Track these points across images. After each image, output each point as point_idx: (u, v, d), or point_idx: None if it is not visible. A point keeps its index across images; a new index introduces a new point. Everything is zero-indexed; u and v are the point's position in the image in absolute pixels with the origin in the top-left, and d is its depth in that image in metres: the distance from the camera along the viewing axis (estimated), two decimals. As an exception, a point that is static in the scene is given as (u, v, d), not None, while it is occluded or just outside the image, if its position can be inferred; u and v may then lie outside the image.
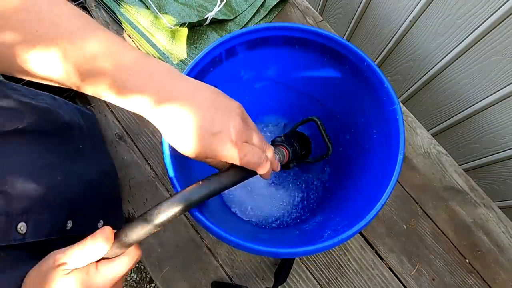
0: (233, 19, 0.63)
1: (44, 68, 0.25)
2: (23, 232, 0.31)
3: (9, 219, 0.30)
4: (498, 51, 0.52)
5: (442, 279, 0.52)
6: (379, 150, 0.40)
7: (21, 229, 0.31)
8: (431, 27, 0.60)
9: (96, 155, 0.50)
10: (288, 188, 0.52)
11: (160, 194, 0.54)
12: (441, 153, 0.58)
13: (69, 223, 0.37)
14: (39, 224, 0.33)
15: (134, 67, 0.26)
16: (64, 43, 0.24)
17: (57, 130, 0.42)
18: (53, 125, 0.41)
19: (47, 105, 0.41)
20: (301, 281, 0.50)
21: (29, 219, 0.32)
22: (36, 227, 0.32)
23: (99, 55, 0.25)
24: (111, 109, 0.59)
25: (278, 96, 0.52)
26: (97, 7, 0.64)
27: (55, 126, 0.41)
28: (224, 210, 0.50)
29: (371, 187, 0.38)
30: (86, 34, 0.25)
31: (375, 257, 0.52)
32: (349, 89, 0.44)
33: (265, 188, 0.53)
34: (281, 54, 0.44)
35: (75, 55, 0.25)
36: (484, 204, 0.55)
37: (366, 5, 0.71)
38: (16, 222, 0.31)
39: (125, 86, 0.26)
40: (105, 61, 0.26)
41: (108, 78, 0.26)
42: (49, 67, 0.25)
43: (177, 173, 0.34)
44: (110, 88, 0.26)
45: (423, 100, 0.73)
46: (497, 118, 0.59)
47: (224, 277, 0.50)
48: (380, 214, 0.54)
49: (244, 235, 0.34)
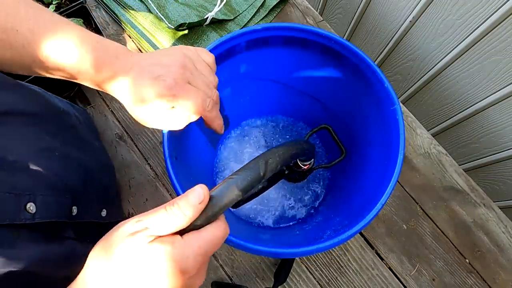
0: (233, 19, 0.63)
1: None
2: (33, 212, 0.31)
3: (17, 198, 0.30)
4: (498, 51, 0.52)
5: (442, 279, 0.52)
6: (379, 150, 0.40)
7: (31, 209, 0.31)
8: (431, 27, 0.60)
9: (93, 147, 0.50)
10: (288, 188, 0.52)
11: (160, 194, 0.54)
12: (441, 153, 0.58)
13: (74, 208, 0.38)
14: (47, 205, 0.33)
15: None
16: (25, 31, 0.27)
17: (53, 114, 0.42)
18: (47, 109, 0.41)
19: (39, 90, 0.42)
20: (301, 281, 0.50)
21: (36, 199, 0.32)
22: (44, 208, 0.33)
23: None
24: (111, 109, 0.59)
25: (278, 96, 0.52)
26: (97, 7, 0.64)
27: (51, 111, 0.42)
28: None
29: (371, 187, 0.38)
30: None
31: (375, 257, 0.52)
32: (349, 89, 0.44)
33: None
34: (281, 54, 0.44)
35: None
36: (484, 204, 0.55)
37: (366, 5, 0.71)
38: (25, 201, 0.31)
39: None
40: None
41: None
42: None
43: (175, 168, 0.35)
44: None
45: (423, 100, 0.73)
46: (497, 118, 0.59)
47: (224, 277, 0.50)
48: (380, 214, 0.54)
49: (244, 235, 0.34)
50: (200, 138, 0.48)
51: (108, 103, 0.59)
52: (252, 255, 0.52)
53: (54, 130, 0.40)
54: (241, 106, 0.53)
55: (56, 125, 0.42)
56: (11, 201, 0.30)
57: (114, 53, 0.31)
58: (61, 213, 0.35)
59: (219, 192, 0.24)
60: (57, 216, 0.35)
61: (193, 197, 0.22)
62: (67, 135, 0.43)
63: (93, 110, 0.58)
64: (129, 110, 0.32)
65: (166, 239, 0.22)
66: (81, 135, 0.47)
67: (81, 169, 0.42)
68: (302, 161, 0.44)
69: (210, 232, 0.23)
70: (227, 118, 0.53)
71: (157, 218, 0.22)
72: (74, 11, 0.54)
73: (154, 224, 0.21)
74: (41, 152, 0.36)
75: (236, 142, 0.54)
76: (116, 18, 0.63)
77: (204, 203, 0.23)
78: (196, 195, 0.22)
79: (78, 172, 0.41)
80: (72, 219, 0.37)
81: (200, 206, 0.22)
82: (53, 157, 0.38)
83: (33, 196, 0.32)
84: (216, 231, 0.23)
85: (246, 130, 0.55)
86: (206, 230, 0.23)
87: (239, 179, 0.25)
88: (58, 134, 0.41)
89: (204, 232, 0.23)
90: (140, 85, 0.30)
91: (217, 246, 0.24)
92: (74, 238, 0.38)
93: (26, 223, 0.30)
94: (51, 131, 0.40)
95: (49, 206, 0.33)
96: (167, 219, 0.21)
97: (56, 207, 0.35)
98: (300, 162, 0.44)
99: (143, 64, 0.31)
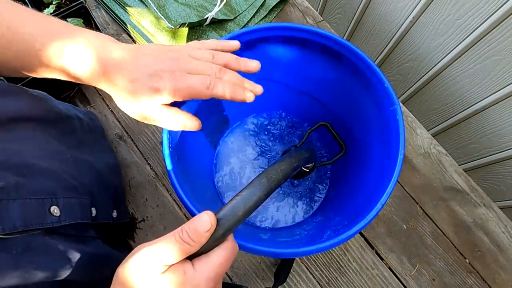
0: (233, 19, 0.63)
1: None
2: (57, 215, 0.31)
3: (40, 202, 0.31)
4: (498, 51, 0.52)
5: (442, 279, 0.52)
6: (379, 150, 0.40)
7: (55, 212, 0.31)
8: (431, 27, 0.60)
9: (100, 148, 0.50)
10: (288, 188, 0.52)
11: (160, 194, 0.54)
12: (441, 153, 0.58)
13: (93, 210, 0.38)
14: (70, 207, 0.33)
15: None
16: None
17: (56, 119, 0.42)
18: (51, 114, 0.41)
19: (42, 95, 0.42)
20: (301, 281, 0.50)
21: (59, 202, 0.32)
22: (67, 210, 0.33)
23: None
24: (111, 109, 0.59)
25: (278, 96, 0.52)
26: (97, 7, 0.64)
27: (53, 115, 0.42)
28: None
29: (371, 187, 0.38)
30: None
31: (375, 257, 0.52)
32: (349, 89, 0.44)
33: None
34: (281, 54, 0.44)
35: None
36: (484, 204, 0.55)
37: (366, 5, 0.71)
38: (48, 205, 0.31)
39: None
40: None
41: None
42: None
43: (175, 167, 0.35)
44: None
45: (423, 100, 0.73)
46: (497, 118, 0.59)
47: (224, 277, 0.50)
48: (380, 214, 0.54)
49: (244, 235, 0.34)
50: (200, 138, 0.48)
51: (108, 103, 0.59)
52: (252, 255, 0.52)
53: (58, 135, 0.40)
54: (241, 106, 0.53)
55: (60, 130, 0.42)
56: (35, 205, 0.30)
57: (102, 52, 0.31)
58: (84, 215, 0.36)
59: (226, 214, 0.24)
60: (81, 218, 0.35)
61: (200, 225, 0.23)
62: (72, 139, 0.43)
63: (93, 110, 0.58)
64: (123, 107, 0.32)
65: (177, 268, 0.22)
66: (86, 139, 0.47)
67: (93, 170, 0.42)
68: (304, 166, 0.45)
69: (219, 255, 0.24)
70: (227, 118, 0.53)
71: (167, 247, 0.22)
72: (74, 11, 0.54)
73: (165, 254, 0.22)
74: (55, 155, 0.37)
75: (236, 141, 0.54)
76: (116, 18, 0.63)
77: (211, 230, 0.23)
78: (203, 224, 0.23)
79: (89, 173, 0.41)
80: (93, 221, 0.38)
81: (208, 233, 0.23)
82: (66, 159, 0.38)
83: (55, 199, 0.32)
84: (225, 253, 0.24)
85: (246, 130, 0.55)
86: (215, 254, 0.24)
87: (244, 200, 0.25)
88: (62, 139, 0.41)
89: (213, 257, 0.24)
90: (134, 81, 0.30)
91: (227, 267, 0.24)
92: (97, 237, 0.38)
93: (53, 226, 0.31)
94: (56, 136, 0.40)
95: (72, 208, 0.34)
96: (177, 248, 0.22)
97: (78, 209, 0.35)
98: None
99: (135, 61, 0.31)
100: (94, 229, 0.39)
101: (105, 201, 0.42)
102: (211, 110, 0.48)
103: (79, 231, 0.35)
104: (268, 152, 0.54)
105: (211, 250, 0.24)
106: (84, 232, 0.37)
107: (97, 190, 0.41)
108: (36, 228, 0.29)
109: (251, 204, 0.26)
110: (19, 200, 0.29)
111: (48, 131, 0.39)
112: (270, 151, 0.54)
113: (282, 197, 0.51)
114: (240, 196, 0.26)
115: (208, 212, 0.23)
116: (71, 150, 0.41)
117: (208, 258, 0.23)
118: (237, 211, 0.25)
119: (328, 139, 0.53)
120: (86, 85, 0.59)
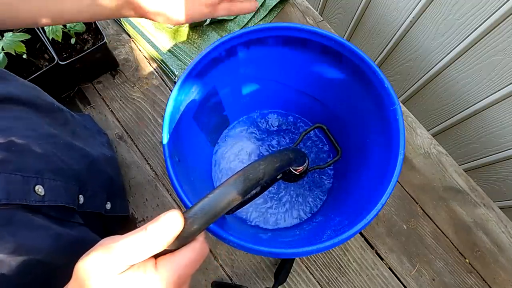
0: (233, 19, 0.63)
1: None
2: (42, 194, 0.32)
3: (26, 179, 0.31)
4: (498, 51, 0.52)
5: (442, 279, 0.52)
6: (379, 150, 0.40)
7: (39, 191, 0.32)
8: (431, 27, 0.60)
9: (97, 142, 0.51)
10: (288, 188, 0.52)
11: (160, 194, 0.54)
12: (441, 153, 0.58)
13: (81, 197, 0.38)
14: (55, 189, 0.34)
15: None
16: None
17: (48, 109, 0.42)
18: (42, 101, 0.41)
19: (31, 84, 0.42)
20: (301, 281, 0.50)
21: (44, 182, 0.33)
22: (52, 191, 0.33)
23: None
24: (111, 109, 0.59)
25: (278, 96, 0.52)
26: (97, 7, 0.64)
27: (45, 104, 0.42)
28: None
29: (371, 187, 0.38)
30: None
31: (375, 257, 0.52)
32: (349, 89, 0.44)
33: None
34: (281, 54, 0.44)
35: None
36: (484, 204, 0.55)
37: (366, 5, 0.71)
38: (33, 183, 0.32)
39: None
40: None
41: None
42: None
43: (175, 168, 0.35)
44: None
45: (423, 100, 0.73)
46: (497, 118, 0.59)
47: (224, 277, 0.50)
48: (380, 214, 0.54)
49: (244, 235, 0.34)
50: (200, 138, 0.48)
51: (108, 103, 0.59)
52: (252, 255, 0.52)
53: (52, 122, 0.41)
54: (241, 106, 0.53)
55: (53, 119, 0.42)
56: (20, 182, 0.30)
57: None
58: (69, 199, 0.36)
59: (196, 213, 0.22)
60: (66, 201, 0.35)
61: (167, 223, 0.21)
62: (66, 129, 0.43)
63: (93, 110, 0.58)
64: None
65: (138, 267, 0.21)
66: (81, 132, 0.47)
67: (86, 159, 0.42)
68: (294, 167, 0.44)
69: (184, 255, 0.22)
70: (227, 118, 0.53)
71: (130, 245, 0.20)
72: (74, 11, 0.54)
73: (127, 252, 0.20)
74: (46, 138, 0.37)
75: (236, 141, 0.54)
76: (116, 18, 0.63)
77: (177, 228, 0.21)
78: (170, 222, 0.21)
79: (81, 161, 0.41)
80: (80, 208, 0.38)
81: (175, 232, 0.21)
82: (58, 143, 0.38)
83: (41, 179, 0.32)
84: (191, 254, 0.22)
85: (246, 130, 0.55)
86: (180, 254, 0.22)
87: (217, 199, 0.24)
88: (56, 126, 0.41)
89: (178, 256, 0.22)
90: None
91: (193, 269, 0.22)
92: (84, 224, 0.38)
93: (38, 205, 0.31)
94: (50, 123, 0.40)
95: (57, 190, 0.34)
96: (141, 247, 0.20)
97: (64, 192, 0.35)
98: (291, 168, 0.44)
99: None
100: (83, 218, 0.39)
101: (97, 191, 0.42)
102: (211, 110, 0.48)
103: (65, 216, 0.35)
104: (268, 152, 0.54)
105: (177, 250, 0.22)
106: (70, 217, 0.36)
107: (89, 179, 0.41)
108: (19, 204, 0.29)
109: (224, 203, 0.24)
110: (4, 174, 0.29)
111: (41, 116, 0.39)
112: (270, 151, 0.54)
113: (282, 198, 0.51)
114: (213, 194, 0.24)
115: (175, 210, 0.22)
116: (65, 138, 0.41)
117: (172, 257, 0.22)
118: (208, 210, 0.23)
119: (329, 141, 0.53)
120: (86, 85, 0.59)
